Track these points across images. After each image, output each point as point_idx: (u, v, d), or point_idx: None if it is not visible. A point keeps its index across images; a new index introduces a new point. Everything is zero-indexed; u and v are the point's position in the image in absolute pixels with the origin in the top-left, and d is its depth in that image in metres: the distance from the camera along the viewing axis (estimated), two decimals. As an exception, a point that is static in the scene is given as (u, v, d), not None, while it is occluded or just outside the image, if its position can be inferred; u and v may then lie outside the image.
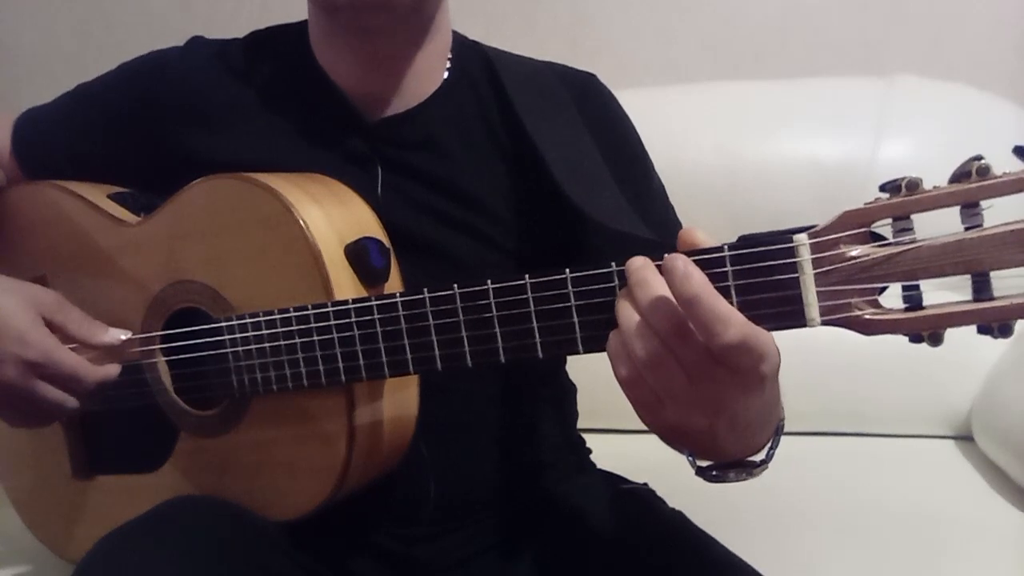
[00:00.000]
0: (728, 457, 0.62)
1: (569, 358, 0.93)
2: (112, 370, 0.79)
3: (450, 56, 0.84)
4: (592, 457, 0.96)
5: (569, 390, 0.96)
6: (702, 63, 1.51)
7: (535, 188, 0.79)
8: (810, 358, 1.18)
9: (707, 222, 0.58)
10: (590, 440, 0.97)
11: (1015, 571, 0.91)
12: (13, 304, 0.75)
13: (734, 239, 0.55)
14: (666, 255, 0.53)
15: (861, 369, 1.22)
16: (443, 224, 0.80)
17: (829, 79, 1.35)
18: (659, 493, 0.86)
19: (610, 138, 0.83)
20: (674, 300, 0.52)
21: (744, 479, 0.63)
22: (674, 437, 0.59)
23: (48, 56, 1.78)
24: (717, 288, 0.53)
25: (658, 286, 0.53)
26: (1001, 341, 0.49)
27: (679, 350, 0.53)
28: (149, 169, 0.86)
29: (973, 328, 0.50)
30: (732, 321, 0.51)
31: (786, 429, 0.65)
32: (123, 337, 0.80)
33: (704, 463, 0.63)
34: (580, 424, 0.97)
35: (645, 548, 0.77)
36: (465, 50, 0.86)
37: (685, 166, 1.26)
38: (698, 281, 0.51)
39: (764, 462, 0.63)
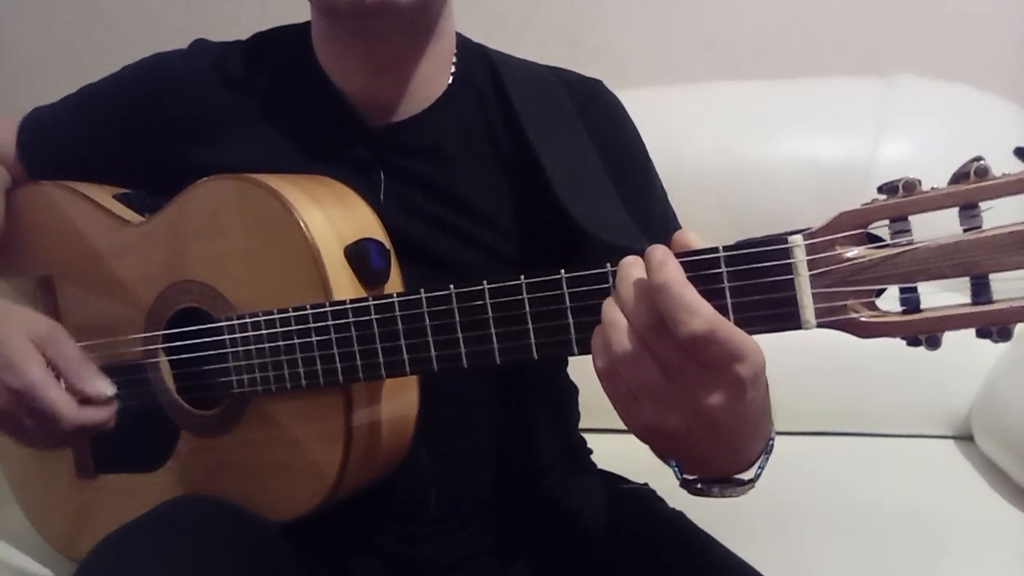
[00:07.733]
0: (712, 469, 0.60)
1: (570, 359, 0.93)
2: (95, 415, 0.76)
3: (454, 61, 0.83)
4: (592, 457, 0.96)
5: (570, 391, 0.95)
6: (702, 63, 1.50)
7: (537, 198, 0.78)
8: (811, 358, 1.18)
9: (707, 222, 0.57)
10: (591, 440, 0.97)
11: (1015, 571, 0.91)
12: (6, 330, 0.75)
13: (734, 240, 0.54)
14: (649, 246, 0.53)
15: (861, 369, 1.22)
16: (445, 233, 0.80)
17: (829, 79, 1.35)
18: (659, 493, 0.87)
19: (613, 147, 0.83)
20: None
21: (729, 496, 0.61)
22: (653, 439, 0.58)
23: (48, 56, 1.77)
24: (711, 289, 0.52)
25: (639, 281, 0.53)
26: (1001, 341, 0.48)
27: (655, 346, 0.52)
28: (152, 172, 0.86)
29: (972, 331, 0.49)
30: (699, 311, 0.50)
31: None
32: (108, 393, 0.77)
33: (690, 476, 0.62)
34: (581, 424, 0.97)
35: (645, 548, 0.77)
36: (469, 54, 0.85)
37: (685, 166, 1.26)
38: (670, 270, 0.51)
39: (751, 480, 0.61)
